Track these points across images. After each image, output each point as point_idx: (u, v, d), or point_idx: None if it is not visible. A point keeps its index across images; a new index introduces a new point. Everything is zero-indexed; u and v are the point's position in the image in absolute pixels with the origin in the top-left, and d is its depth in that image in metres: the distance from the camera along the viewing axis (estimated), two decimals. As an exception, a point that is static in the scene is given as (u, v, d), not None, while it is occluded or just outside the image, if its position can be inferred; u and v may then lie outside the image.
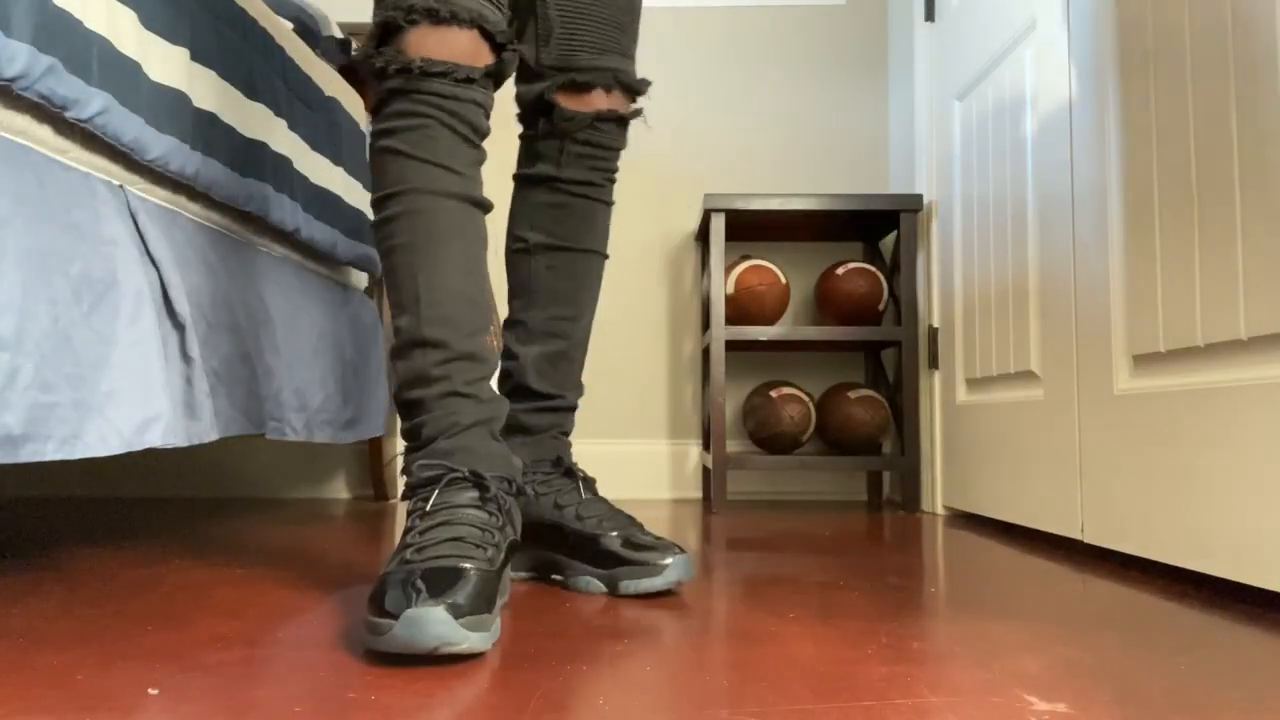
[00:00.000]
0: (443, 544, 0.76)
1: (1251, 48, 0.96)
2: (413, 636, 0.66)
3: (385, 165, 0.89)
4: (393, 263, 0.88)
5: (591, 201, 1.09)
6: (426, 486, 0.83)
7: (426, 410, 0.87)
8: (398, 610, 0.67)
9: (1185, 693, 0.63)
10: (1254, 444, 0.94)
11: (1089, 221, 1.30)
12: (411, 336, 0.87)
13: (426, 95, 0.87)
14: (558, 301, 1.08)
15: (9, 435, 0.83)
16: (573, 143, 1.07)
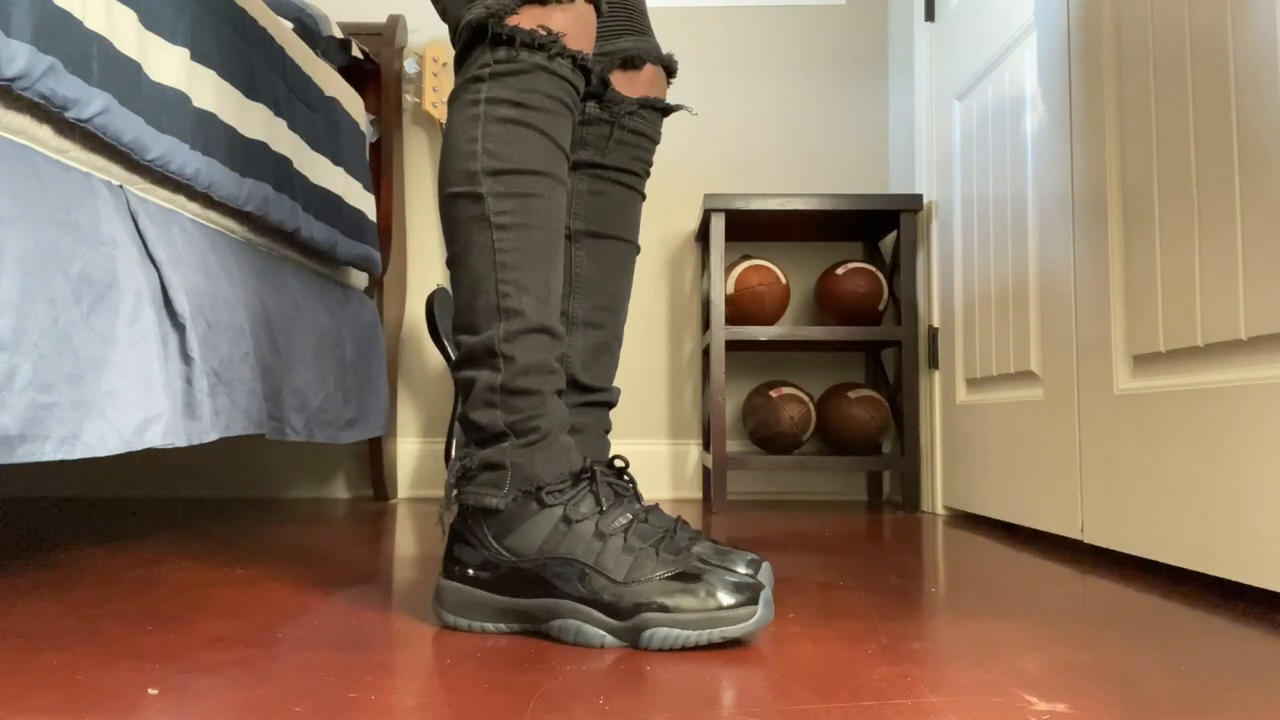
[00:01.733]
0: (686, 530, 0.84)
1: (1251, 48, 0.96)
2: (770, 614, 0.75)
3: (522, 137, 0.83)
4: (523, 239, 0.83)
5: (630, 191, 1.06)
6: (580, 482, 0.81)
7: (544, 403, 0.81)
8: (750, 598, 0.74)
9: (1185, 693, 0.63)
10: (1254, 444, 0.94)
11: (1089, 221, 1.29)
12: (540, 322, 0.82)
13: (571, 86, 0.85)
14: (598, 292, 1.04)
15: (6, 435, 0.83)
16: (620, 129, 1.03)
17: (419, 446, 2.27)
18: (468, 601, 0.80)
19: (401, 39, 2.20)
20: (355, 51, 1.99)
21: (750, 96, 2.33)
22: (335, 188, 1.68)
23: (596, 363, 1.02)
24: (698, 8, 2.34)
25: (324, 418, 1.62)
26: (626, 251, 1.06)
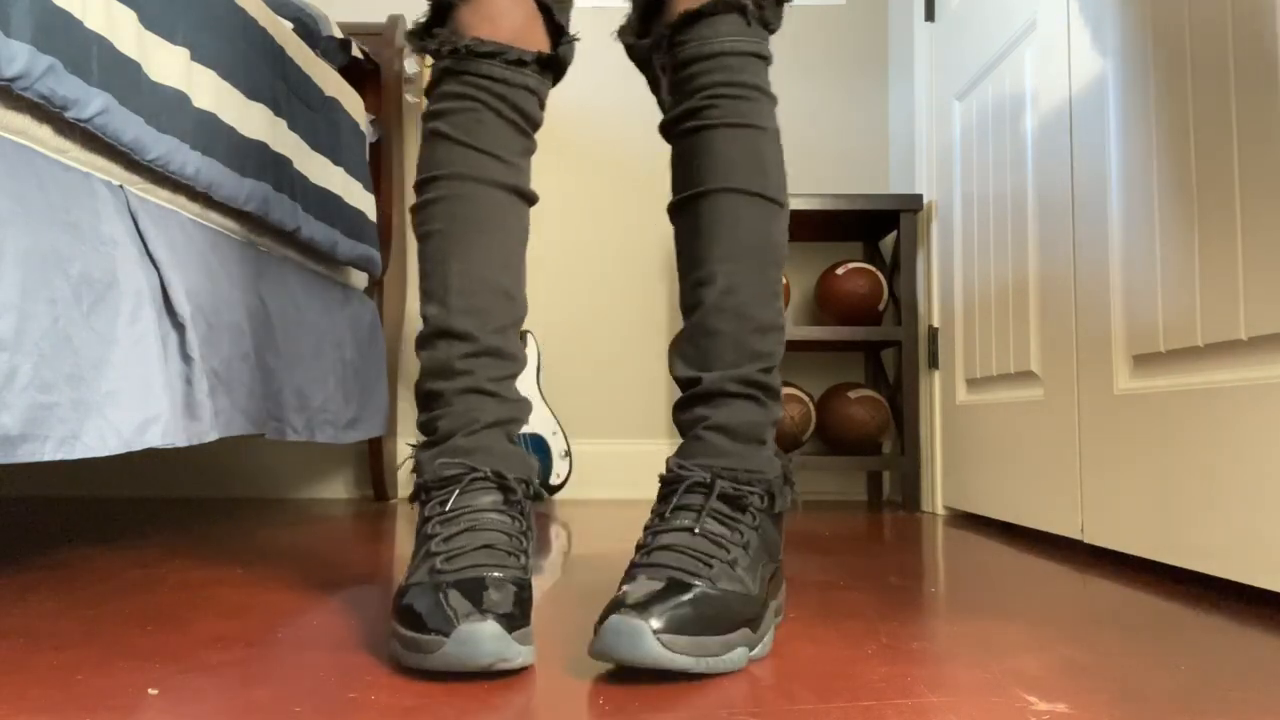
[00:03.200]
0: (475, 551, 0.71)
1: (1251, 48, 0.96)
2: (467, 654, 0.62)
3: (431, 148, 0.85)
4: (427, 249, 0.84)
5: (704, 131, 0.85)
6: (444, 487, 0.77)
7: (446, 404, 0.81)
8: (445, 627, 0.63)
9: (1185, 693, 0.63)
10: (1254, 444, 0.94)
11: (1089, 221, 1.29)
12: (438, 326, 0.82)
13: (476, 78, 0.84)
14: (691, 264, 0.86)
15: (7, 435, 0.83)
16: (669, 71, 0.88)
17: (419, 446, 2.27)
18: None
19: (401, 39, 2.20)
20: (355, 51, 1.99)
21: (750, 96, 2.33)
22: (335, 188, 1.68)
23: (696, 349, 0.84)
24: (698, 8, 2.34)
25: (324, 418, 1.62)
26: (715, 202, 0.84)
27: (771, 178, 0.85)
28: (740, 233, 0.83)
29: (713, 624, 0.67)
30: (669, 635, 0.64)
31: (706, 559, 0.71)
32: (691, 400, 0.83)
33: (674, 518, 0.75)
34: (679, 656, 0.64)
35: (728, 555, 0.72)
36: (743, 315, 0.82)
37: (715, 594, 0.68)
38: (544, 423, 2.02)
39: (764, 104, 0.85)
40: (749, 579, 0.73)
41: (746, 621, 0.70)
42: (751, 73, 0.85)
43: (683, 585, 0.68)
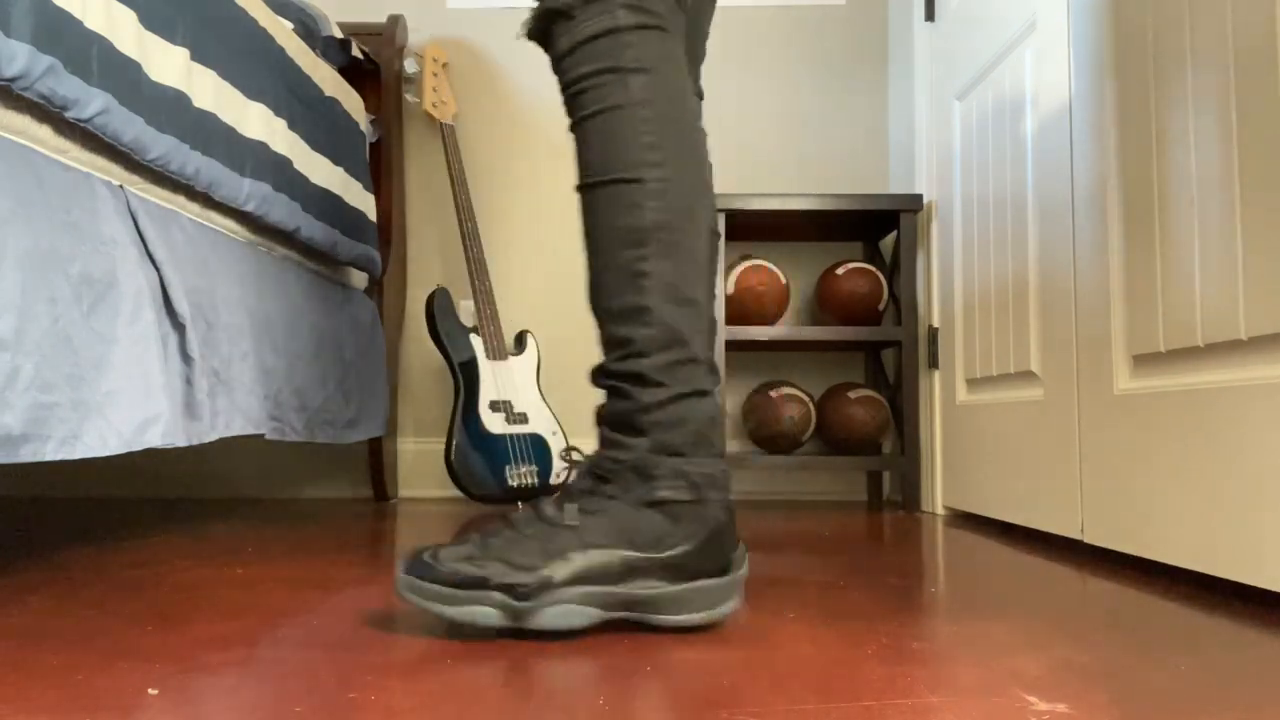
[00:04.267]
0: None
1: (1251, 48, 0.96)
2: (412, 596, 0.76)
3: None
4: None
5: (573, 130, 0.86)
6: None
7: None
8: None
9: (1185, 693, 0.63)
10: (1254, 444, 0.94)
11: (1089, 221, 1.29)
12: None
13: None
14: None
15: (8, 435, 0.83)
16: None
17: (419, 446, 2.27)
18: None
19: (401, 39, 2.20)
20: (355, 51, 1.99)
21: (750, 96, 2.33)
22: (335, 188, 1.68)
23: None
24: (698, 8, 2.34)
25: (324, 418, 1.62)
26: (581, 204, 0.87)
27: (621, 156, 0.81)
28: (593, 225, 0.83)
29: (448, 579, 0.75)
30: (407, 577, 0.76)
31: (496, 533, 0.79)
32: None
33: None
34: (409, 595, 0.76)
35: (511, 534, 0.78)
36: (601, 308, 0.83)
37: (469, 558, 0.76)
38: (544, 423, 2.02)
39: (619, 82, 0.81)
40: (519, 553, 0.77)
41: (499, 589, 0.75)
42: (607, 56, 0.82)
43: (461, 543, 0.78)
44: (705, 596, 0.79)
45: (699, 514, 0.80)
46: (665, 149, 0.81)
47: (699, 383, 0.82)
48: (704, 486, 0.80)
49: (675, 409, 0.81)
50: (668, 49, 0.83)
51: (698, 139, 0.85)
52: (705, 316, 0.83)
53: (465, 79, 2.32)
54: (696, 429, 0.81)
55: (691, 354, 0.82)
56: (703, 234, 0.84)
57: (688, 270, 0.82)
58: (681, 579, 0.79)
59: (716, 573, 0.80)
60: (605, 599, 0.78)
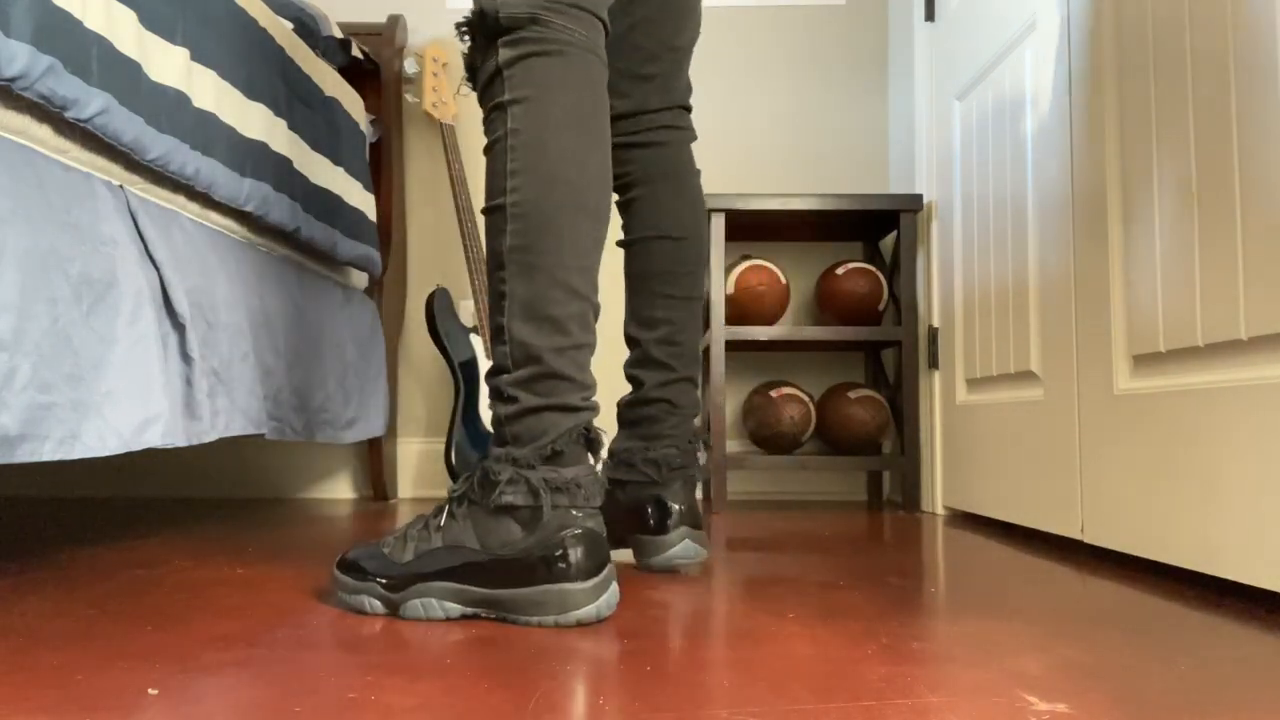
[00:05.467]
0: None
1: (1251, 47, 0.96)
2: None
3: None
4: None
5: None
6: None
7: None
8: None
9: (1185, 693, 0.63)
10: (1254, 444, 0.94)
11: (1089, 221, 1.29)
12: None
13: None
14: None
15: (6, 435, 0.83)
16: None
17: (419, 446, 2.27)
18: None
19: (401, 39, 2.20)
20: (355, 51, 1.99)
21: (750, 96, 2.33)
22: (335, 188, 1.68)
23: None
24: (698, 8, 2.34)
25: (324, 418, 1.62)
26: None
27: (488, 187, 0.88)
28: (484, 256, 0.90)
29: (351, 569, 0.88)
30: (336, 570, 0.89)
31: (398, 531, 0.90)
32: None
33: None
34: (333, 583, 0.90)
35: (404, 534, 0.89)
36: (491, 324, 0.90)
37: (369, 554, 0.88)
38: (544, 423, 2.02)
39: (500, 117, 0.87)
40: (400, 553, 0.87)
41: (377, 582, 0.86)
42: (494, 94, 0.88)
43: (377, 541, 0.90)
44: (559, 600, 0.82)
45: (551, 519, 0.83)
46: (525, 174, 0.85)
47: (557, 396, 0.86)
48: (549, 493, 0.83)
49: (529, 421, 0.85)
50: (557, 73, 0.86)
51: (579, 157, 0.86)
52: (572, 331, 0.86)
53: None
54: (552, 441, 0.85)
55: (551, 370, 0.85)
56: (571, 251, 0.86)
57: (548, 290, 0.85)
58: (535, 581, 0.82)
59: (577, 577, 0.82)
60: (463, 595, 0.85)
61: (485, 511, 0.85)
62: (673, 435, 1.14)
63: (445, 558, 0.85)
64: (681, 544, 1.08)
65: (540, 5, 0.86)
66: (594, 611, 0.82)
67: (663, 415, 1.14)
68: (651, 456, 1.12)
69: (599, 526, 0.85)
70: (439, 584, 0.85)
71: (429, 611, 0.85)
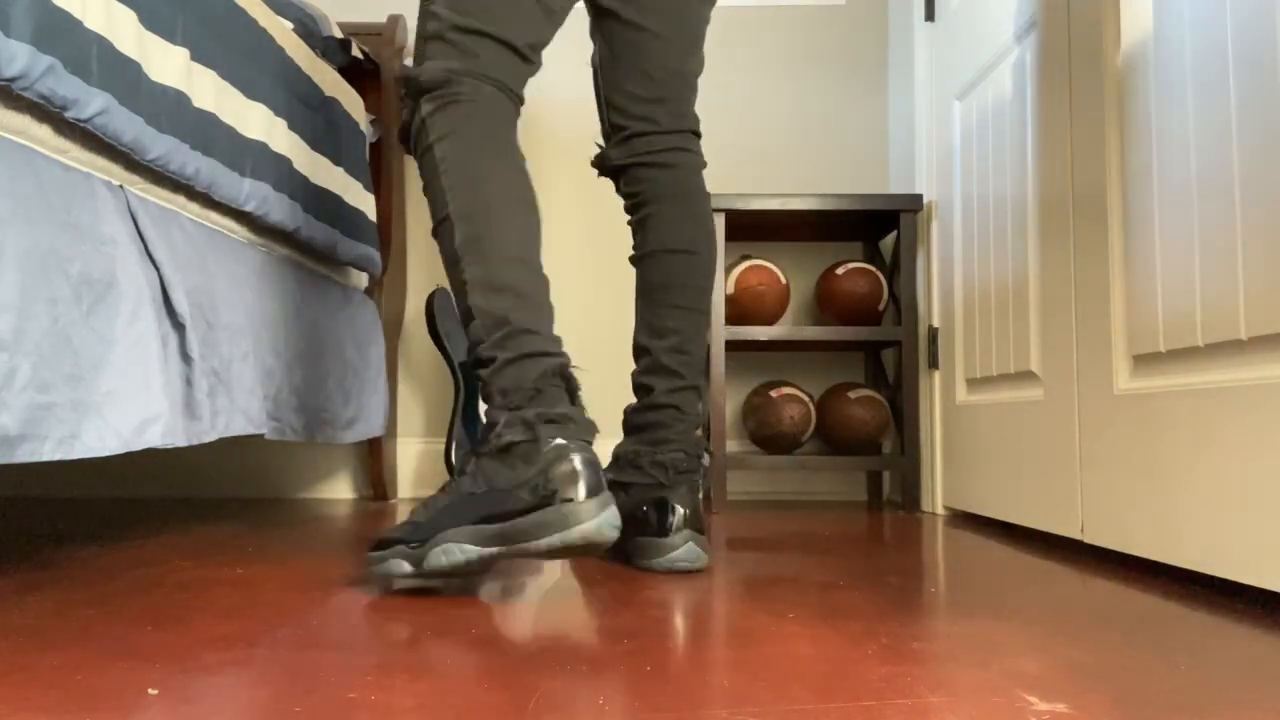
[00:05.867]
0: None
1: (1252, 47, 0.96)
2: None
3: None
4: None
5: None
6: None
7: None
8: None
9: (1185, 693, 0.63)
10: (1254, 444, 0.94)
11: (1089, 221, 1.29)
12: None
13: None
14: None
15: (5, 435, 0.83)
16: None
17: (419, 446, 2.27)
18: None
19: (401, 39, 2.20)
20: (355, 51, 1.99)
21: (750, 96, 2.33)
22: (335, 188, 1.68)
23: None
24: (698, 8, 2.34)
25: (323, 418, 1.62)
26: None
27: (433, 211, 1.03)
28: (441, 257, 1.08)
29: (380, 545, 0.98)
30: (370, 552, 0.99)
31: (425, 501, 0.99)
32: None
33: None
34: (370, 565, 0.99)
35: (427, 502, 0.98)
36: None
37: (394, 529, 0.99)
38: (544, 423, 2.02)
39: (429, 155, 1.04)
40: (419, 514, 0.97)
41: (403, 544, 0.96)
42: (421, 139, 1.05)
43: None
44: (561, 519, 0.88)
45: (549, 450, 0.91)
46: (459, 186, 1.01)
47: (527, 347, 0.97)
48: (542, 425, 0.92)
49: (509, 372, 0.96)
50: (467, 114, 1.03)
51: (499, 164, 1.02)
52: (529, 294, 0.98)
53: (465, 79, 2.32)
54: (534, 383, 0.95)
55: (518, 326, 0.97)
56: (513, 234, 1.00)
57: (501, 265, 0.98)
58: (539, 506, 0.89)
59: (576, 496, 0.89)
60: (478, 535, 0.91)
61: (490, 457, 0.93)
62: (679, 440, 1.16)
63: (459, 508, 0.93)
64: (685, 546, 1.11)
65: (453, 71, 1.03)
66: (595, 526, 0.87)
67: (670, 421, 1.16)
68: (659, 459, 1.15)
69: (593, 455, 0.92)
70: (454, 530, 0.92)
71: (450, 557, 0.91)
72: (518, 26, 1.06)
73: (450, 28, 1.04)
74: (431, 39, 1.05)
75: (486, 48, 1.05)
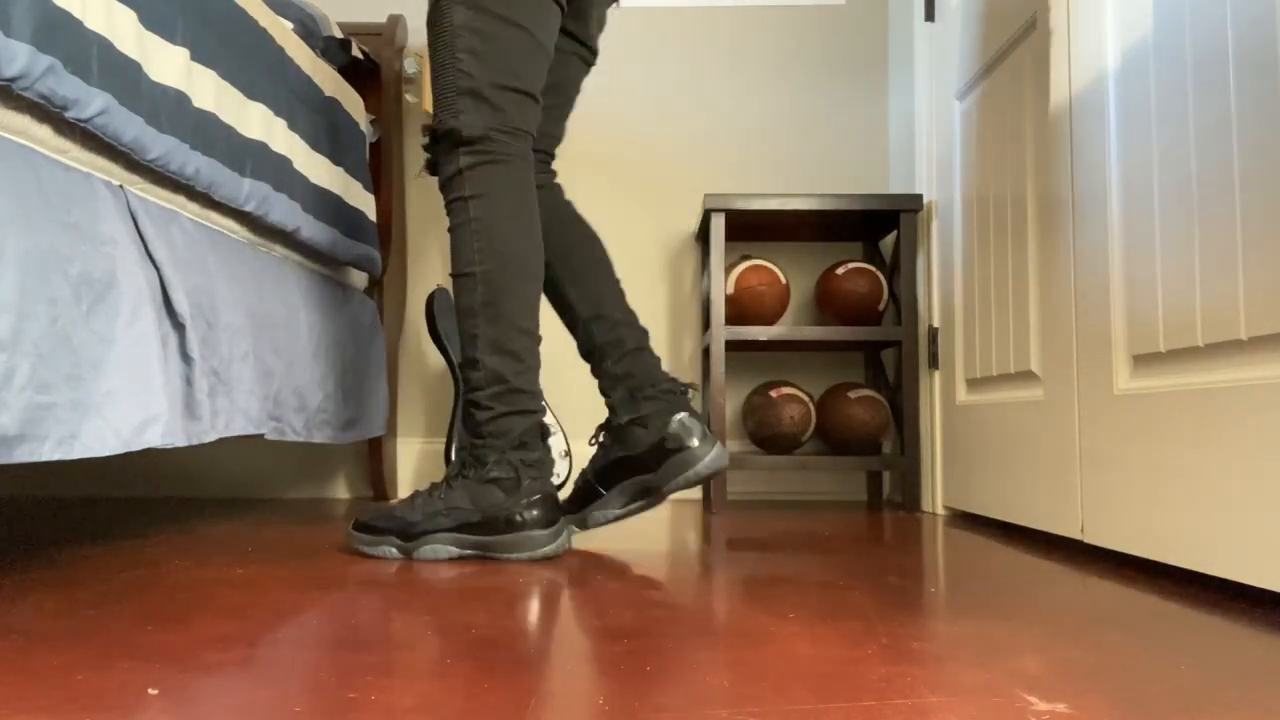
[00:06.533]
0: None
1: (1251, 47, 0.96)
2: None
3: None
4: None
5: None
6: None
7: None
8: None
9: (1185, 693, 0.63)
10: (1254, 444, 0.94)
11: (1089, 221, 1.29)
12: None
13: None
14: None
15: (5, 435, 0.83)
16: None
17: (419, 446, 2.27)
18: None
19: (401, 39, 2.20)
20: (355, 51, 1.99)
21: (750, 96, 2.33)
22: (335, 188, 1.68)
23: None
24: (697, 8, 2.34)
25: (323, 418, 1.62)
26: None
27: (457, 258, 1.21)
28: (455, 302, 1.22)
29: (367, 529, 1.23)
30: (353, 530, 1.24)
31: (406, 501, 1.23)
32: None
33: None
34: (353, 541, 1.24)
35: (412, 501, 1.22)
36: (462, 355, 1.23)
37: (382, 516, 1.22)
38: (544, 423, 2.02)
39: (463, 207, 1.21)
40: (410, 514, 1.21)
41: (397, 534, 1.21)
42: (456, 189, 1.21)
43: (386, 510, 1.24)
44: (530, 542, 1.18)
45: (525, 488, 1.18)
46: (487, 251, 1.19)
47: (519, 404, 1.20)
48: (524, 468, 1.19)
49: (500, 422, 1.20)
50: (503, 176, 1.20)
51: (522, 237, 1.21)
52: (526, 360, 1.21)
53: (465, 79, 2.32)
54: (518, 435, 1.20)
55: (512, 386, 1.20)
56: (524, 306, 1.20)
57: (508, 331, 1.19)
58: (513, 530, 1.18)
59: (540, 526, 1.18)
60: (461, 542, 1.20)
61: (477, 482, 1.19)
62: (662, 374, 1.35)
63: (447, 516, 1.20)
64: (714, 450, 1.28)
65: (491, 127, 1.19)
66: (551, 549, 1.19)
67: (651, 360, 1.35)
68: (666, 387, 1.31)
69: (553, 491, 1.21)
70: (442, 534, 1.20)
71: (436, 553, 1.20)
72: (537, 77, 1.22)
73: (486, 85, 1.19)
74: (466, 94, 1.19)
75: (516, 102, 1.21)
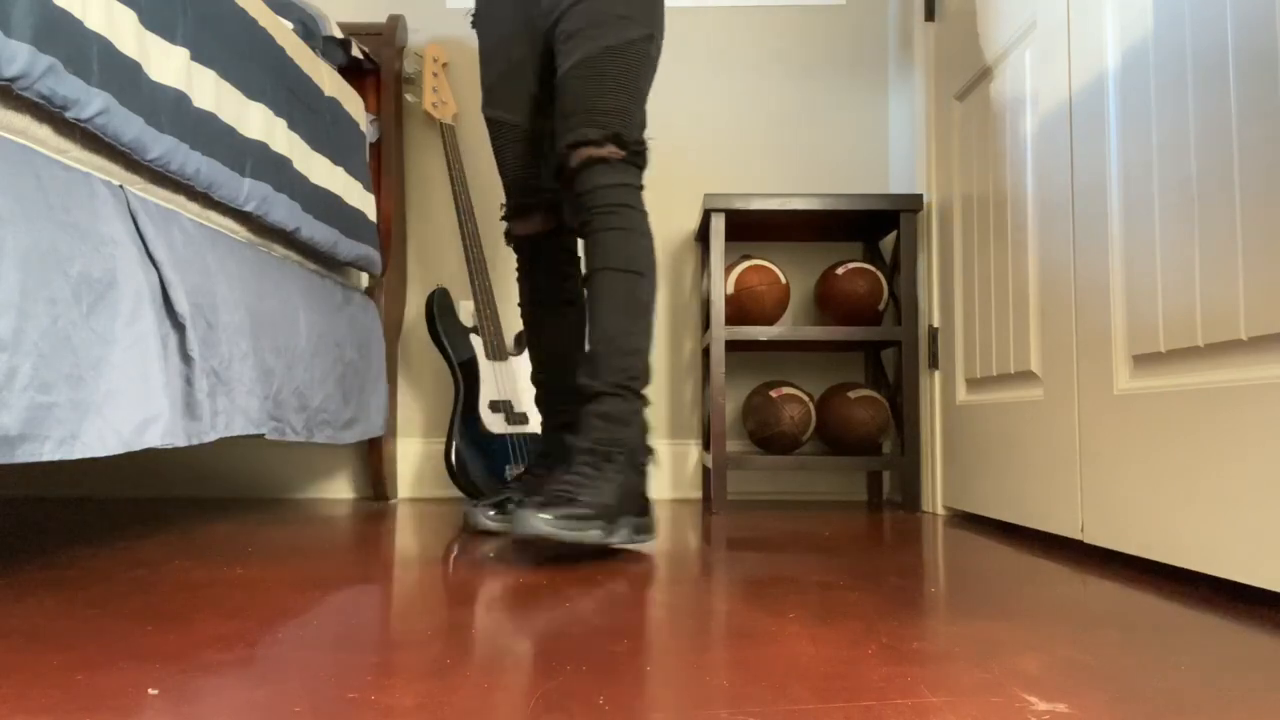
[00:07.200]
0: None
1: (1251, 47, 0.96)
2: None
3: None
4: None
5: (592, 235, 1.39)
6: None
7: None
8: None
9: (1185, 693, 0.63)
10: (1254, 444, 0.94)
11: (1089, 221, 1.29)
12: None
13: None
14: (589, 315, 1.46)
15: (6, 435, 0.83)
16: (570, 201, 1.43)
17: (419, 446, 2.27)
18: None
19: (401, 39, 2.20)
20: (355, 51, 1.99)
21: (751, 96, 2.33)
22: (335, 188, 1.68)
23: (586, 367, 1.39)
24: (698, 8, 2.34)
25: (323, 418, 1.62)
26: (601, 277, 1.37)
27: (636, 259, 1.32)
28: (612, 292, 1.31)
29: (572, 516, 1.16)
30: (544, 513, 1.14)
31: (574, 485, 1.21)
32: (583, 399, 1.30)
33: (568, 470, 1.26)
34: (547, 527, 1.13)
35: (586, 484, 1.22)
36: (610, 340, 1.30)
37: (576, 500, 1.19)
38: (544, 423, 2.01)
39: (628, 213, 1.33)
40: (600, 497, 1.21)
41: (598, 519, 1.19)
42: (620, 196, 1.32)
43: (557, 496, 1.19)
44: (655, 523, 1.34)
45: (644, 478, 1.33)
46: (650, 267, 1.34)
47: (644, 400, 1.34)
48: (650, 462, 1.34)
49: (643, 415, 1.32)
50: (641, 198, 1.36)
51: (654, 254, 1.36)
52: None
53: (465, 79, 2.32)
54: (647, 426, 1.33)
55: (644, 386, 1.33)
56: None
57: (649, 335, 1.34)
58: (648, 514, 1.31)
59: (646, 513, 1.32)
60: (637, 525, 1.29)
61: (637, 472, 1.30)
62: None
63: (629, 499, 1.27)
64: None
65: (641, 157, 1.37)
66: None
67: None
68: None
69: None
70: (627, 517, 1.27)
71: (625, 538, 1.26)
72: None
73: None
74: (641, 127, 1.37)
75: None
